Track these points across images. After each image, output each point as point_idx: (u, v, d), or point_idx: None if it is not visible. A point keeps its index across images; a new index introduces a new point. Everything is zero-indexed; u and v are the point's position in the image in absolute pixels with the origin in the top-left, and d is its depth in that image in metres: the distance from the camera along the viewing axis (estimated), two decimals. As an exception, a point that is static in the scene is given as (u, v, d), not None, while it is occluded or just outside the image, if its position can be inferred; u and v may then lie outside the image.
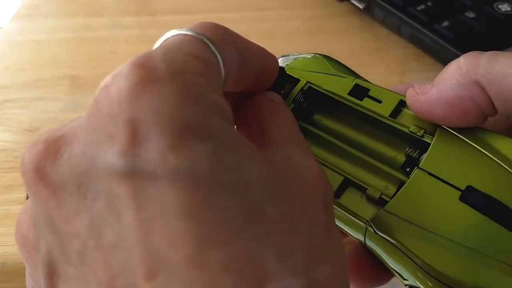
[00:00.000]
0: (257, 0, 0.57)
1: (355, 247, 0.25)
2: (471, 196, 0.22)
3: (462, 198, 0.22)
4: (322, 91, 0.27)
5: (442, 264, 0.21)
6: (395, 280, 0.26)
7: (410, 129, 0.25)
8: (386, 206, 0.23)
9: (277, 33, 0.54)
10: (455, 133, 0.24)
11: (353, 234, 0.24)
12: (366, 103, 0.26)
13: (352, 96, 0.27)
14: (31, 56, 0.51)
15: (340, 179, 0.25)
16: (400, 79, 0.47)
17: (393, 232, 0.22)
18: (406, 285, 0.23)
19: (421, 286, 0.22)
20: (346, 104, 0.27)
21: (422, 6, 0.49)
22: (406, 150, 0.25)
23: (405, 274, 0.22)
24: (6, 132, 0.43)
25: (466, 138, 0.24)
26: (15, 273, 0.35)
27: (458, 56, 0.44)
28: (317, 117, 0.28)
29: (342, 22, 0.55)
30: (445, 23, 0.47)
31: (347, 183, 0.25)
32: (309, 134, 0.27)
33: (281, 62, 0.30)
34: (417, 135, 0.25)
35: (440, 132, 0.24)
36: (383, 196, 0.24)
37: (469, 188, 0.23)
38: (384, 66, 0.48)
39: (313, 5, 0.57)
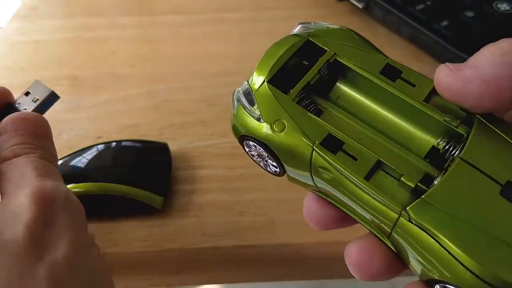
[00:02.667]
0: (256, 0, 0.58)
1: (367, 235, 0.24)
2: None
3: (502, 193, 0.21)
4: (350, 65, 0.25)
5: (481, 260, 0.20)
6: (395, 279, 0.25)
7: (445, 118, 0.23)
8: (425, 194, 0.21)
9: (277, 33, 0.53)
10: (492, 126, 0.23)
11: (378, 221, 0.23)
12: (399, 85, 0.24)
13: (384, 76, 0.25)
14: (30, 56, 0.51)
15: (373, 160, 0.23)
16: (400, 78, 0.47)
17: (431, 222, 0.21)
18: (430, 279, 0.22)
19: (453, 281, 0.20)
20: (375, 83, 0.25)
21: (422, 6, 0.49)
22: (439, 139, 0.24)
23: (437, 267, 0.21)
24: (6, 132, 0.43)
25: (503, 132, 0.23)
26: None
27: (457, 55, 0.44)
28: (340, 88, 0.26)
29: (341, 22, 0.54)
30: (445, 23, 0.47)
31: (379, 165, 0.23)
32: (330, 112, 0.25)
33: (299, 29, 0.28)
34: (452, 124, 0.23)
35: (478, 124, 0.23)
36: (419, 185, 0.22)
37: (509, 183, 0.21)
38: (384, 65, 0.48)
39: (312, 5, 0.57)
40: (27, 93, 0.34)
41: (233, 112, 0.26)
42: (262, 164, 0.27)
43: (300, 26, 0.28)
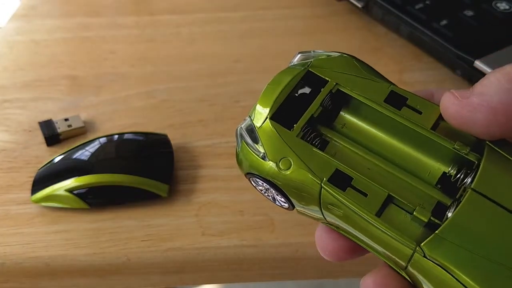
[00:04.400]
0: (255, 0, 0.58)
1: (382, 266, 0.24)
2: None
3: None
4: (354, 95, 0.25)
5: None
6: None
7: (455, 146, 0.23)
8: (439, 229, 0.21)
9: (276, 32, 0.54)
10: (503, 152, 0.22)
11: (394, 257, 0.22)
12: (405, 113, 0.24)
13: (389, 104, 0.24)
14: (29, 56, 0.51)
15: (383, 195, 0.22)
16: (399, 78, 0.47)
17: (447, 258, 0.20)
18: None
19: None
20: (380, 112, 0.24)
21: (421, 5, 0.49)
22: (450, 167, 0.23)
23: None
24: (5, 132, 0.43)
25: None
26: (15, 273, 0.35)
27: (456, 54, 0.44)
28: (344, 117, 0.26)
29: (340, 21, 0.55)
30: (444, 22, 0.47)
31: (390, 200, 0.22)
32: (336, 142, 0.25)
33: (299, 59, 0.27)
34: (462, 152, 0.23)
35: (488, 151, 0.22)
36: (433, 219, 0.22)
37: None
38: (383, 65, 0.48)
39: (311, 4, 0.57)
40: None
41: (237, 149, 0.26)
42: (270, 198, 0.27)
43: (299, 55, 0.27)
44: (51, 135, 0.41)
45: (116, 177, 0.36)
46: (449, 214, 0.21)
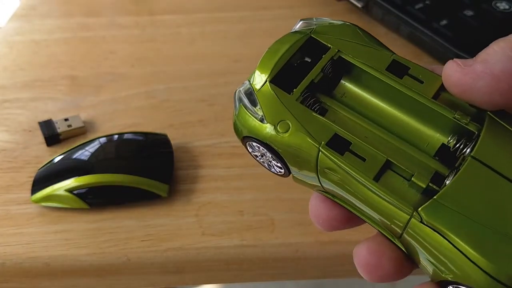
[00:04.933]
0: (255, 0, 0.58)
1: (375, 236, 0.24)
2: None
3: None
4: (355, 63, 0.24)
5: (495, 259, 0.19)
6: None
7: (455, 115, 0.22)
8: (438, 195, 0.21)
9: (276, 33, 0.53)
10: (503, 123, 0.22)
11: (389, 224, 0.22)
12: (406, 81, 0.24)
13: (391, 72, 0.24)
14: (29, 56, 0.51)
15: (381, 160, 0.22)
16: (399, 77, 0.47)
17: (444, 223, 0.20)
18: (443, 281, 0.21)
19: (467, 282, 0.20)
20: (382, 80, 0.24)
21: (421, 5, 0.49)
22: (449, 137, 0.23)
23: (450, 268, 0.20)
24: (5, 132, 0.43)
25: None
26: (15, 273, 0.35)
27: (457, 54, 0.44)
28: (345, 86, 0.25)
29: (340, 21, 0.55)
30: (444, 22, 0.47)
31: (388, 166, 0.22)
32: (336, 110, 0.24)
33: (301, 25, 0.27)
34: (462, 122, 0.22)
35: (489, 121, 0.22)
36: (431, 185, 0.21)
37: None
38: (383, 64, 0.48)
39: (311, 4, 0.57)
40: None
41: (234, 112, 0.26)
42: (266, 165, 0.27)
43: (301, 22, 0.27)
44: (51, 135, 0.41)
45: (116, 177, 0.36)
46: (447, 182, 0.21)
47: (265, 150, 0.25)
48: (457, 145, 0.23)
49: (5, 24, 0.56)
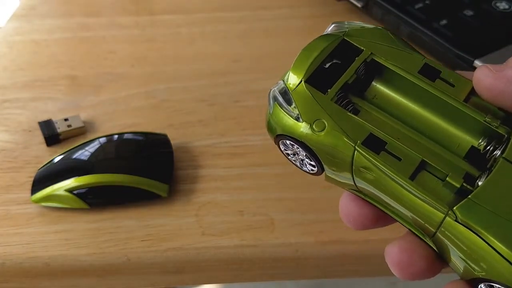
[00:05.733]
0: (255, 0, 0.58)
1: (406, 235, 0.24)
2: None
3: None
4: (388, 65, 0.25)
5: None
6: (395, 279, 0.25)
7: (485, 118, 0.23)
8: (472, 194, 0.21)
9: (275, 32, 0.54)
10: None
11: (423, 222, 0.22)
12: (438, 85, 0.24)
13: (423, 75, 0.24)
14: (29, 56, 0.51)
15: (417, 160, 0.23)
16: (399, 77, 0.47)
17: (478, 222, 0.21)
18: (478, 278, 0.21)
19: (500, 279, 0.20)
20: (414, 83, 0.24)
21: (420, 5, 0.49)
22: (480, 140, 0.24)
23: (483, 266, 0.21)
24: (5, 132, 0.43)
25: None
26: (15, 273, 0.35)
27: (456, 54, 0.44)
28: (376, 88, 0.26)
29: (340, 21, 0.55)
30: (443, 21, 0.47)
31: (423, 166, 0.23)
32: (367, 111, 0.25)
33: (333, 28, 0.27)
34: (493, 125, 0.23)
35: None
36: (465, 185, 0.22)
37: None
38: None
39: (311, 4, 0.57)
40: None
41: (268, 111, 0.26)
42: (297, 164, 0.27)
43: (333, 25, 0.27)
44: (51, 135, 0.41)
45: (116, 177, 0.36)
46: (479, 183, 0.22)
47: (299, 149, 0.25)
48: (487, 147, 0.23)
49: (5, 24, 0.56)
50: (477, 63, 0.43)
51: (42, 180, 0.38)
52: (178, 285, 0.70)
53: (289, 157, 0.27)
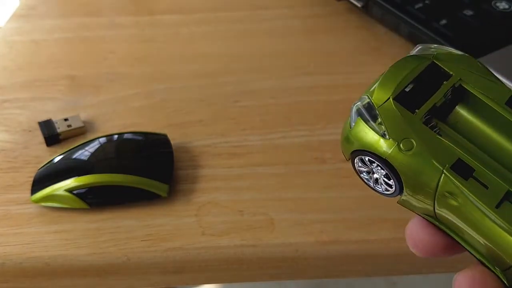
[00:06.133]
0: (255, 0, 0.58)
1: (475, 265, 0.24)
2: None
3: None
4: (475, 93, 0.25)
5: None
6: (395, 279, 0.25)
7: None
8: None
9: (275, 32, 0.54)
10: None
11: (501, 254, 0.22)
12: None
13: (510, 107, 0.24)
14: (29, 56, 0.51)
15: (503, 190, 0.22)
16: (399, 77, 0.47)
17: None
18: None
19: None
20: (500, 114, 0.24)
21: (420, 4, 0.49)
22: None
23: None
24: (4, 132, 0.43)
25: None
26: (15, 273, 0.35)
27: (456, 54, 0.44)
28: (459, 114, 0.26)
29: (340, 20, 0.55)
30: (443, 21, 0.47)
31: (507, 196, 0.22)
32: (450, 136, 0.25)
33: (419, 50, 0.27)
34: None
35: None
36: None
37: None
38: (382, 64, 0.48)
39: (311, 4, 0.57)
40: None
41: (349, 125, 0.26)
42: (371, 182, 0.27)
43: (420, 47, 0.27)
44: (51, 135, 0.41)
45: (116, 177, 0.36)
46: None
47: (378, 167, 0.25)
48: None
49: (5, 24, 0.56)
50: (477, 63, 0.43)
51: (42, 180, 0.38)
52: (178, 285, 0.70)
53: (362, 174, 0.27)
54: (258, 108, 0.44)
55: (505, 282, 0.23)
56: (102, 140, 0.39)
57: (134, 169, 0.37)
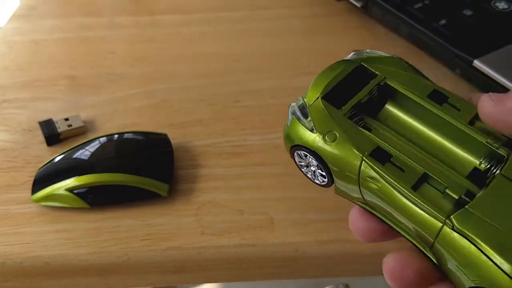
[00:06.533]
0: (255, 0, 0.58)
1: (404, 250, 0.25)
2: None
3: None
4: (399, 88, 0.27)
5: None
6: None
7: (487, 140, 0.25)
8: (469, 205, 0.23)
9: (275, 32, 0.54)
10: None
11: (422, 232, 0.23)
12: (445, 108, 0.26)
13: (431, 100, 0.27)
14: (29, 56, 0.51)
15: (419, 172, 0.24)
16: (398, 77, 0.47)
17: (474, 231, 0.22)
18: (473, 287, 0.22)
19: (492, 287, 0.21)
20: (423, 106, 0.27)
21: (420, 4, 0.49)
22: (481, 160, 0.25)
23: (477, 274, 0.22)
24: (5, 132, 0.43)
25: None
26: (15, 273, 0.35)
27: (456, 54, 0.44)
28: (388, 110, 0.28)
29: (339, 21, 0.55)
30: (443, 21, 0.47)
31: (425, 178, 0.24)
32: (378, 130, 0.27)
33: (353, 56, 0.30)
34: (494, 146, 0.25)
35: None
36: (463, 197, 0.23)
37: None
38: (382, 64, 0.48)
39: (311, 4, 0.57)
40: None
41: (286, 124, 0.28)
42: (310, 175, 0.29)
43: (353, 53, 0.30)
44: (51, 134, 0.41)
45: (116, 176, 0.37)
46: (478, 195, 0.23)
47: (312, 159, 0.27)
48: (488, 166, 0.25)
49: (5, 24, 0.56)
50: (476, 63, 0.43)
51: (43, 179, 0.38)
52: (178, 284, 0.70)
53: (303, 169, 0.29)
54: (258, 108, 0.44)
55: (434, 260, 0.24)
56: (103, 139, 0.39)
57: (135, 169, 0.37)
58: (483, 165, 0.25)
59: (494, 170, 0.24)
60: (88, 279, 0.36)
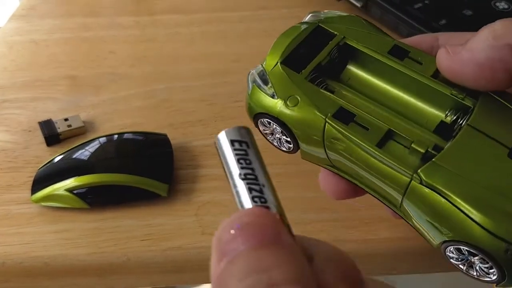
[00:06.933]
0: (255, 0, 0.58)
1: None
2: None
3: (510, 155, 0.22)
4: (359, 47, 0.27)
5: (494, 216, 0.20)
6: (395, 278, 0.26)
7: (452, 91, 0.24)
8: (436, 157, 0.22)
9: (275, 32, 0.53)
10: (497, 97, 0.24)
11: (390, 188, 0.23)
12: (407, 63, 0.26)
13: (392, 55, 0.26)
14: (29, 57, 0.51)
15: (384, 129, 0.24)
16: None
17: (442, 183, 0.21)
18: (446, 241, 0.22)
19: (466, 239, 0.21)
20: (384, 63, 0.26)
21: (419, 4, 0.49)
22: (447, 112, 0.25)
23: (449, 227, 0.21)
24: (5, 132, 0.43)
25: (508, 102, 0.24)
26: (15, 273, 0.35)
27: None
28: (350, 70, 0.28)
29: (340, 20, 0.55)
30: (443, 21, 0.47)
31: (390, 135, 0.24)
32: (341, 92, 0.26)
33: (310, 18, 0.29)
34: (459, 97, 0.24)
35: (484, 95, 0.24)
36: (430, 150, 0.23)
37: None
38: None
39: (311, 4, 0.57)
40: None
41: (247, 92, 0.28)
42: (276, 143, 0.29)
43: (310, 15, 0.30)
44: (51, 135, 0.41)
45: (116, 176, 0.37)
46: (445, 147, 0.23)
47: (275, 125, 0.27)
48: (454, 118, 0.24)
49: (5, 24, 0.56)
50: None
51: (42, 179, 0.38)
52: (178, 285, 0.70)
53: (268, 137, 0.29)
54: (258, 108, 0.44)
55: (403, 217, 0.24)
56: (102, 140, 0.39)
57: (134, 169, 0.37)
58: (449, 118, 0.25)
59: (461, 122, 0.24)
60: (88, 279, 0.36)
